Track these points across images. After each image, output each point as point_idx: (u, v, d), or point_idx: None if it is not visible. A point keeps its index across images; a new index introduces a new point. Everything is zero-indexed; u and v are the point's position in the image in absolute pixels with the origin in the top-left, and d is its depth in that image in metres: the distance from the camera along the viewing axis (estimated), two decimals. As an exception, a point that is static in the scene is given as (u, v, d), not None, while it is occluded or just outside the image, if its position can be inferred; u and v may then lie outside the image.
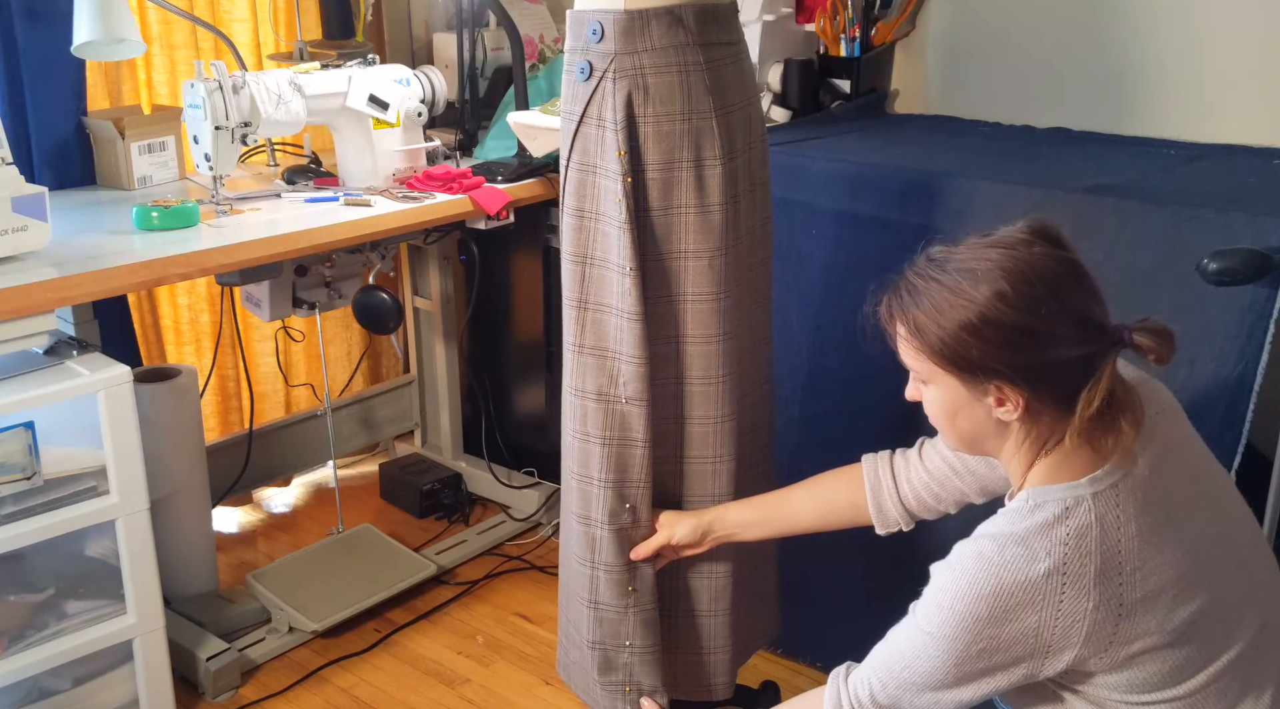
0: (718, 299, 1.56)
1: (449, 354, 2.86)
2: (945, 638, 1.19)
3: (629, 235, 1.51)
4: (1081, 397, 1.14)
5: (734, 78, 1.54)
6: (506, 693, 2.17)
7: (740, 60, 1.57)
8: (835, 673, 1.38)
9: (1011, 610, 1.15)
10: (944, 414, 1.24)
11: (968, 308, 1.14)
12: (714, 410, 1.62)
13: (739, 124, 1.55)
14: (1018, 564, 1.15)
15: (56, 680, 1.87)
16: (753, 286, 1.67)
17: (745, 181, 1.59)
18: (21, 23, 2.10)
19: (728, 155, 1.52)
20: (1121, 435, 1.16)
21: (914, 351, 1.22)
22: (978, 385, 1.18)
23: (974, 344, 1.15)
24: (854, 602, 2.11)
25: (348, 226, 2.03)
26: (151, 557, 1.86)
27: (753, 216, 1.63)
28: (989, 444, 1.25)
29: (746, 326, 1.66)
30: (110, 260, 1.78)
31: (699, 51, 1.49)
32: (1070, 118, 2.26)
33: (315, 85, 2.15)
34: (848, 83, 2.41)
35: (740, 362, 1.64)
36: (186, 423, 2.26)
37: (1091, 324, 1.15)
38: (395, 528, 2.68)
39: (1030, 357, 1.14)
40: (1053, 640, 1.15)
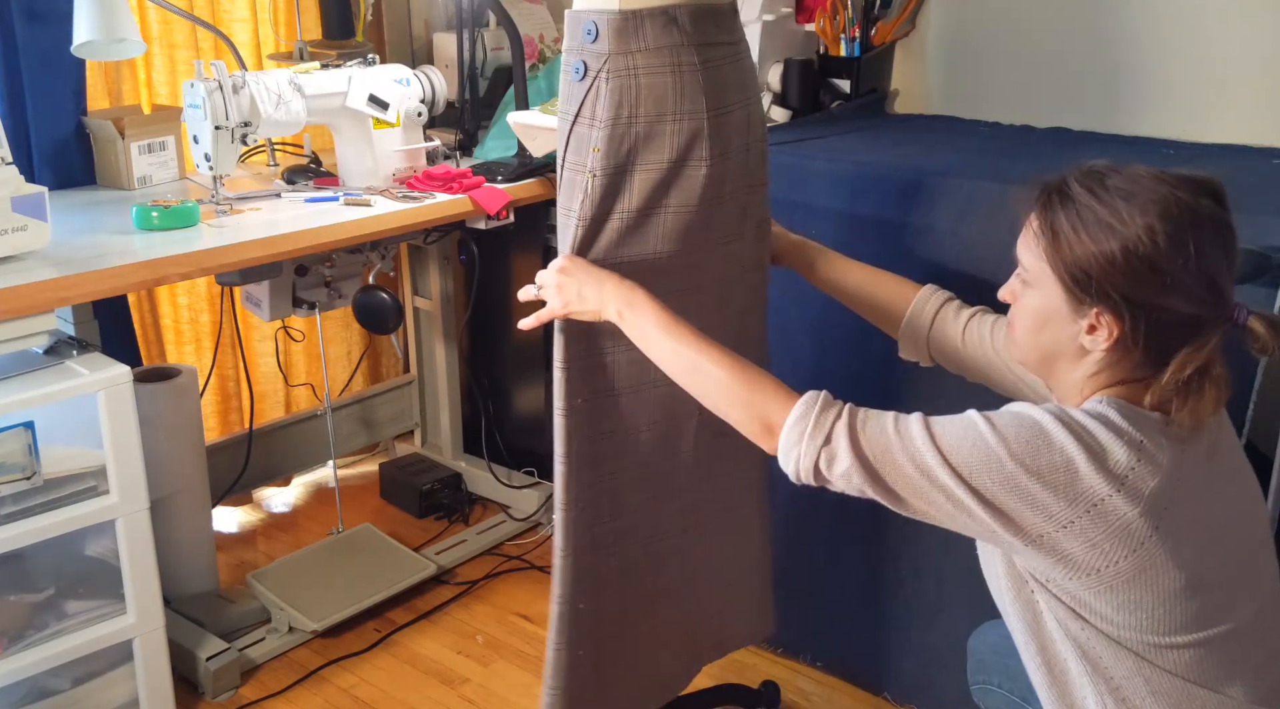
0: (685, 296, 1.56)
1: (449, 354, 2.86)
2: (986, 434, 1.15)
3: (580, 233, 1.51)
4: (1177, 358, 1.14)
5: (732, 78, 1.53)
6: (506, 693, 2.17)
7: (739, 60, 1.56)
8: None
9: (1073, 449, 1.12)
10: (1032, 323, 1.23)
11: (1114, 231, 1.14)
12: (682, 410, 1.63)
13: (737, 124, 1.55)
14: (1098, 430, 1.14)
15: (56, 680, 1.87)
16: (744, 289, 1.66)
17: (740, 181, 1.58)
18: (21, 23, 2.10)
19: (720, 155, 1.52)
20: (1202, 407, 1.15)
21: (1036, 251, 1.21)
22: (1080, 304, 1.17)
23: (1101, 265, 1.14)
24: (855, 601, 2.11)
25: (348, 226, 2.03)
26: (151, 556, 1.86)
27: (746, 218, 1.62)
28: (1059, 366, 1.23)
29: (734, 330, 1.63)
30: (110, 260, 1.78)
31: (694, 51, 1.48)
32: (1070, 118, 2.26)
33: (315, 85, 2.15)
34: (848, 83, 2.41)
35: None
36: (186, 423, 2.26)
37: (1217, 290, 1.15)
38: (395, 528, 2.68)
39: (1148, 295, 1.13)
40: (1086, 496, 1.12)
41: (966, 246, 1.83)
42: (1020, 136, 2.24)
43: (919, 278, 1.72)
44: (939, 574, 1.98)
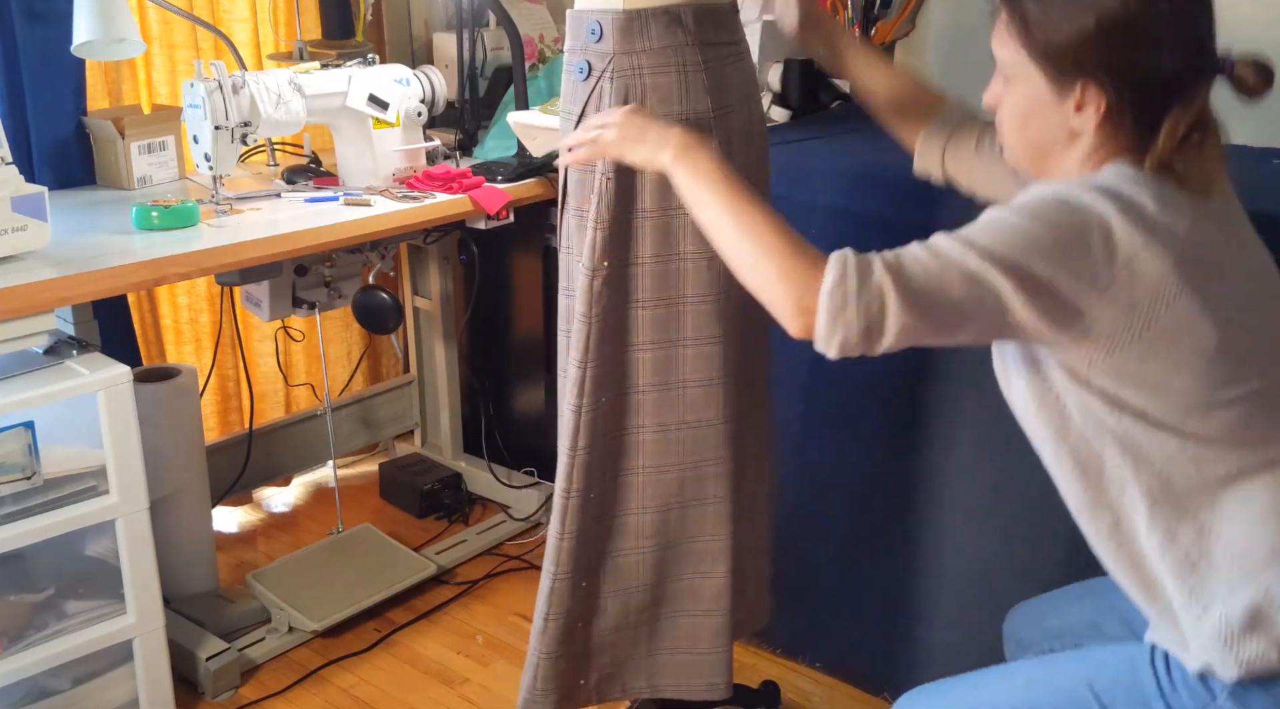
0: (716, 301, 1.56)
1: (449, 354, 2.86)
2: (1015, 220, 1.12)
3: (599, 235, 1.51)
4: (1168, 119, 1.13)
5: (734, 78, 1.53)
6: (506, 693, 2.17)
7: (740, 60, 1.56)
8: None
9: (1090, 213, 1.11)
10: (1020, 117, 1.21)
11: (1084, 4, 1.13)
12: (717, 415, 1.61)
13: (738, 125, 1.55)
14: (1119, 185, 1.13)
15: (56, 680, 1.87)
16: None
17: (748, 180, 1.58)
18: (21, 23, 2.10)
19: (725, 155, 1.51)
20: (1206, 163, 1.14)
21: (1009, 41, 1.20)
22: (1063, 84, 1.16)
23: (1078, 40, 1.13)
24: (855, 601, 2.11)
25: (348, 226, 2.03)
26: (151, 556, 1.86)
27: None
28: (1052, 157, 1.21)
29: (750, 329, 1.65)
30: (110, 260, 1.78)
31: (698, 51, 1.48)
32: (1070, 118, 2.25)
33: (315, 85, 2.15)
34: (848, 83, 2.41)
35: (738, 364, 1.64)
36: (186, 423, 2.26)
37: (1197, 42, 1.14)
38: (395, 528, 2.68)
39: (1129, 60, 1.13)
40: (1124, 250, 1.10)
41: (967, 246, 1.83)
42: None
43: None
44: (939, 574, 1.98)
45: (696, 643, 1.74)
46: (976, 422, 1.87)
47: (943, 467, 1.94)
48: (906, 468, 1.98)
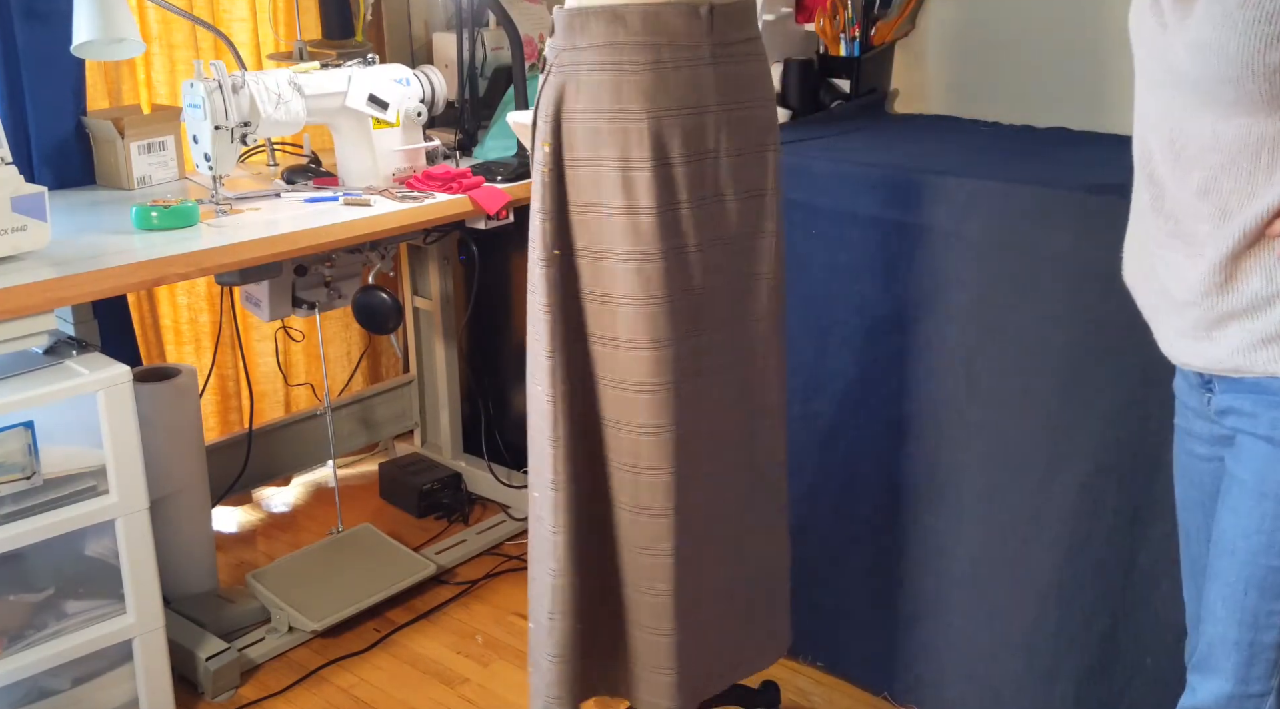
0: (648, 304, 1.52)
1: (449, 354, 2.86)
2: None
3: (543, 226, 1.54)
4: None
5: (688, 82, 1.51)
6: (506, 693, 2.17)
7: (701, 65, 1.52)
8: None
9: None
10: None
11: None
12: (647, 419, 1.56)
13: (691, 129, 1.52)
14: None
15: (56, 680, 1.87)
16: (729, 297, 1.62)
17: (705, 189, 1.55)
18: (21, 22, 2.10)
19: (661, 160, 1.49)
20: None
21: None
22: None
23: None
24: (855, 601, 2.11)
25: (347, 226, 2.03)
26: (151, 556, 1.86)
27: (723, 226, 1.58)
28: None
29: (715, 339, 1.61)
30: (110, 260, 1.78)
31: (641, 51, 1.47)
32: (1070, 118, 2.25)
33: (315, 85, 2.15)
34: (848, 82, 2.41)
35: (694, 374, 1.59)
36: (186, 423, 2.26)
37: None
38: (395, 528, 2.68)
39: None
40: None
41: (966, 246, 1.83)
42: (1020, 136, 2.24)
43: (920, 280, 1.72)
44: (939, 574, 1.98)
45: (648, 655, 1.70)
46: (974, 421, 1.87)
47: (941, 466, 1.94)
48: (905, 468, 1.98)
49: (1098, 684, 1.81)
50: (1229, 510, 1.24)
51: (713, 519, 1.68)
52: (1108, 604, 1.78)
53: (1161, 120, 1.21)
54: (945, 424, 1.92)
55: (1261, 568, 1.20)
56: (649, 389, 1.55)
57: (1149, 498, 1.71)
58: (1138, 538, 1.73)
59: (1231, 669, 1.25)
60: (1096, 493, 1.76)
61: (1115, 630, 1.78)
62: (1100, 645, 1.80)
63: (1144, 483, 1.71)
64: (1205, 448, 1.30)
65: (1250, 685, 1.24)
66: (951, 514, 1.94)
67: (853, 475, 2.04)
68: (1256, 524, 1.20)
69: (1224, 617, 1.25)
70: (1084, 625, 1.81)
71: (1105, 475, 1.74)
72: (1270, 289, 1.16)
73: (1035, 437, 1.81)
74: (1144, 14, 1.21)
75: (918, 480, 1.97)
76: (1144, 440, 1.69)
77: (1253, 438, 1.20)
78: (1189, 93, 1.16)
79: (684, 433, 1.59)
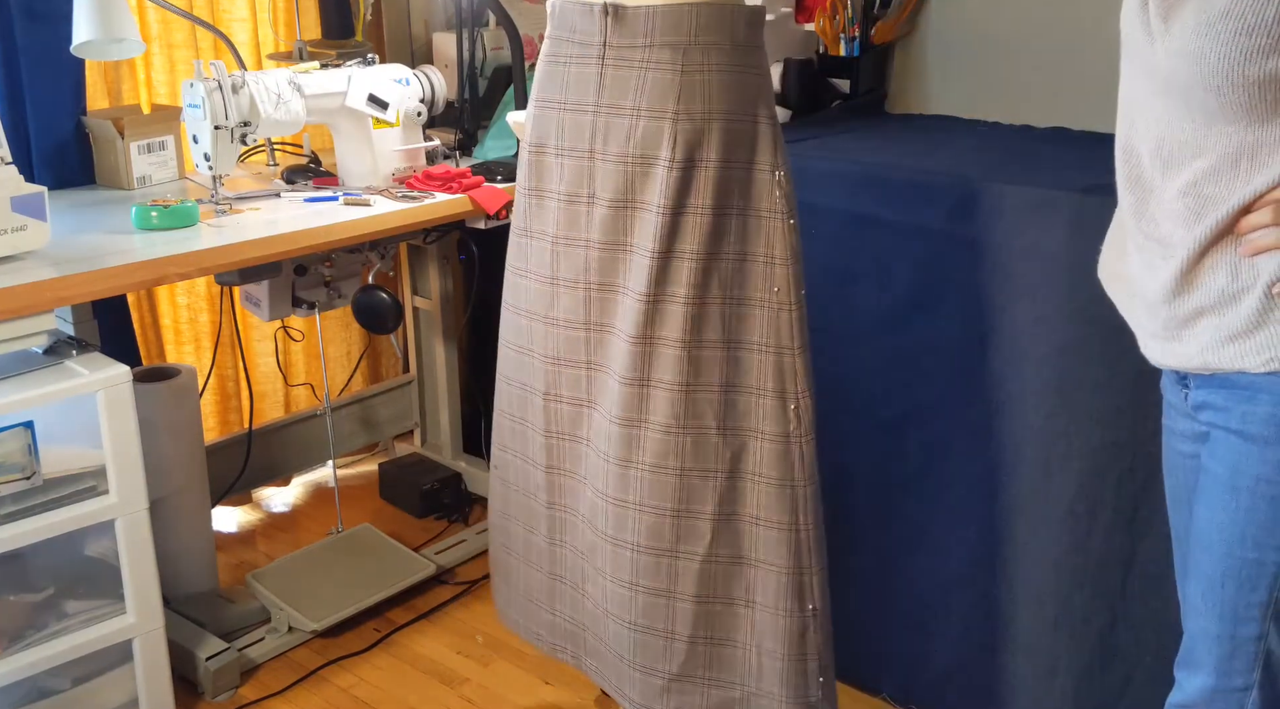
0: (522, 275, 1.70)
1: (448, 354, 2.86)
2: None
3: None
4: None
5: (576, 78, 1.56)
6: (506, 693, 2.17)
7: (590, 64, 1.53)
8: None
9: None
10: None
11: None
12: (535, 383, 1.74)
13: (570, 124, 1.58)
14: None
15: (56, 680, 1.87)
16: (609, 308, 1.60)
17: (578, 186, 1.58)
18: (21, 22, 2.10)
19: (538, 147, 1.63)
20: None
21: None
22: None
23: None
24: (854, 602, 2.11)
25: (347, 226, 2.03)
26: (151, 556, 1.86)
27: (592, 228, 1.58)
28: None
29: (570, 335, 1.64)
30: (109, 260, 1.78)
31: (550, 43, 1.60)
32: (1070, 118, 2.25)
33: (314, 85, 2.15)
34: (847, 82, 2.41)
35: (553, 358, 1.69)
36: (186, 423, 2.26)
37: None
38: (395, 527, 2.68)
39: None
40: None
41: (966, 247, 1.83)
42: (1020, 136, 2.24)
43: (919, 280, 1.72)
44: (938, 575, 1.98)
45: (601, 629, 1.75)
46: (971, 421, 1.87)
47: (939, 466, 1.94)
48: (902, 468, 1.98)
49: (1097, 682, 1.81)
50: (1204, 505, 1.24)
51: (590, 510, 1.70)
52: (1106, 603, 1.78)
53: (1150, 126, 1.21)
54: (942, 424, 1.92)
55: (1237, 561, 1.21)
56: (521, 350, 1.73)
57: (1147, 497, 1.71)
58: (1136, 537, 1.73)
59: (1213, 663, 1.25)
60: (1094, 492, 1.76)
61: (1114, 629, 1.78)
62: (1099, 644, 1.80)
63: (1142, 482, 1.71)
64: (1187, 445, 1.31)
65: (1233, 679, 1.24)
66: (949, 514, 1.94)
67: (850, 476, 2.04)
68: (1230, 517, 1.21)
69: (1204, 611, 1.25)
70: (1083, 624, 1.81)
71: (1103, 475, 1.74)
72: (1236, 285, 1.16)
73: (1033, 437, 1.81)
74: (1133, 19, 1.22)
75: (915, 480, 1.97)
76: (1141, 439, 1.69)
77: (1225, 432, 1.21)
78: (1175, 100, 1.17)
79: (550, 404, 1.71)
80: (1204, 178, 1.16)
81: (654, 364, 1.56)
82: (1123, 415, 1.70)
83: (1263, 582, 1.19)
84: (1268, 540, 1.18)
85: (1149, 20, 1.18)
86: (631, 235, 1.55)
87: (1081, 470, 1.76)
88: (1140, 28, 1.20)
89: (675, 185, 1.50)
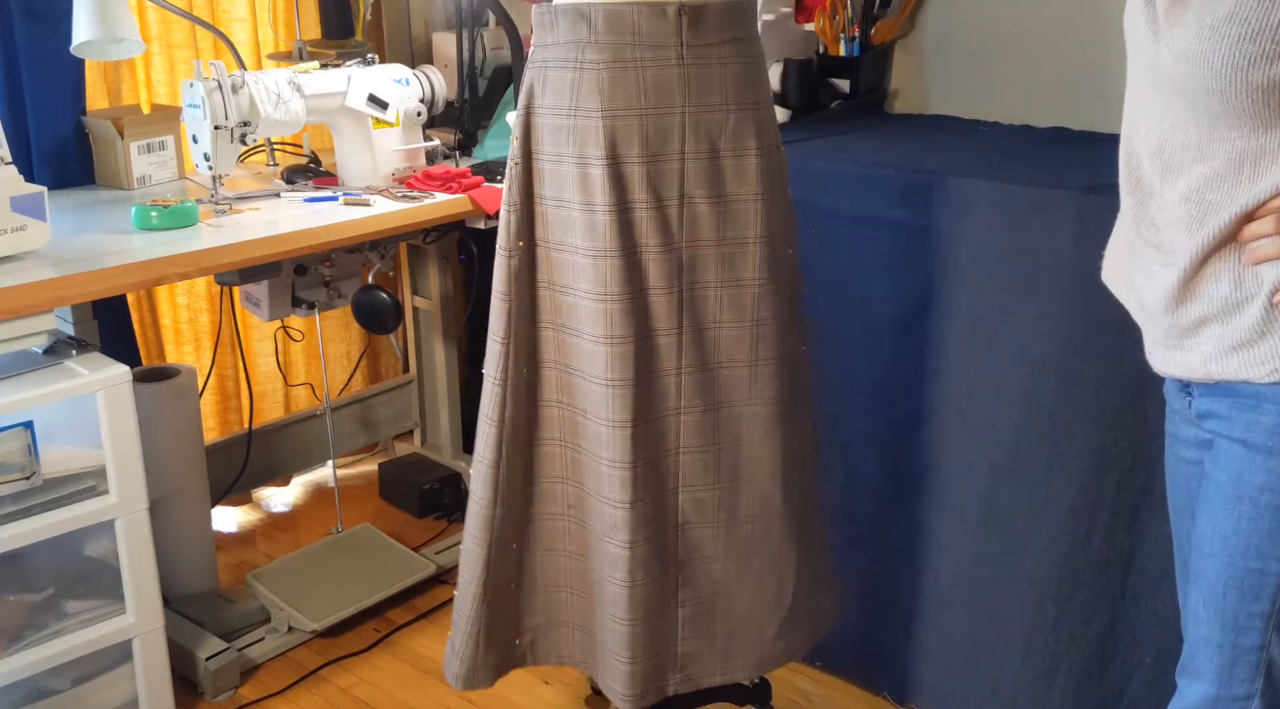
0: (604, 300, 1.55)
1: (448, 353, 2.86)
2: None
3: (508, 218, 1.59)
4: None
5: (653, 82, 1.52)
6: (506, 693, 2.17)
7: (668, 66, 1.52)
8: None
9: None
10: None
11: None
12: (607, 413, 1.59)
13: (652, 130, 1.53)
14: None
15: (56, 680, 1.87)
16: (710, 305, 1.60)
17: (669, 191, 1.55)
18: (21, 22, 2.10)
19: (613, 158, 1.51)
20: None
21: None
22: None
23: None
24: (854, 601, 2.10)
25: (347, 226, 2.03)
26: (151, 556, 1.86)
27: (693, 230, 1.57)
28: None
29: (673, 341, 1.60)
30: (109, 260, 1.78)
31: (602, 50, 1.50)
32: (1070, 118, 2.25)
33: (314, 85, 2.15)
34: (847, 82, 2.41)
35: (649, 375, 1.61)
36: (186, 422, 2.26)
37: None
38: (395, 527, 2.68)
39: None
40: None
41: (965, 246, 1.83)
42: (1020, 136, 2.24)
43: (920, 280, 1.71)
44: (938, 574, 1.98)
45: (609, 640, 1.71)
46: (973, 421, 1.87)
47: (940, 466, 1.94)
48: (904, 468, 1.98)
49: (1096, 682, 1.81)
50: (1207, 513, 1.24)
51: (681, 523, 1.67)
52: (1107, 603, 1.78)
53: (1152, 127, 1.21)
54: (944, 424, 1.92)
55: (1239, 570, 1.20)
56: (608, 384, 1.59)
57: (1148, 497, 1.71)
58: (1136, 537, 1.74)
59: (1214, 672, 1.25)
60: (1095, 492, 1.76)
61: (1114, 629, 1.78)
62: (1099, 644, 1.80)
63: (1143, 483, 1.71)
64: (1190, 451, 1.30)
65: (1234, 688, 1.24)
66: (950, 514, 1.94)
67: (851, 475, 2.04)
68: (1233, 526, 1.20)
69: (1206, 619, 1.25)
70: (1083, 624, 1.81)
71: (1104, 475, 1.74)
72: (1239, 294, 1.16)
73: (1034, 436, 1.81)
74: (1137, 19, 1.21)
75: (917, 480, 1.97)
76: (1142, 440, 1.69)
77: (1228, 441, 1.21)
78: (1178, 102, 1.16)
79: (654, 436, 1.62)
80: (1205, 184, 1.15)
81: (760, 344, 1.63)
82: (1124, 415, 1.70)
83: (1265, 592, 1.19)
84: (1271, 550, 1.18)
85: (1155, 19, 1.17)
86: (727, 229, 1.59)
87: (1083, 470, 1.76)
88: (1145, 24, 1.19)
89: (766, 171, 1.59)
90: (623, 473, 1.59)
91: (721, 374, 1.63)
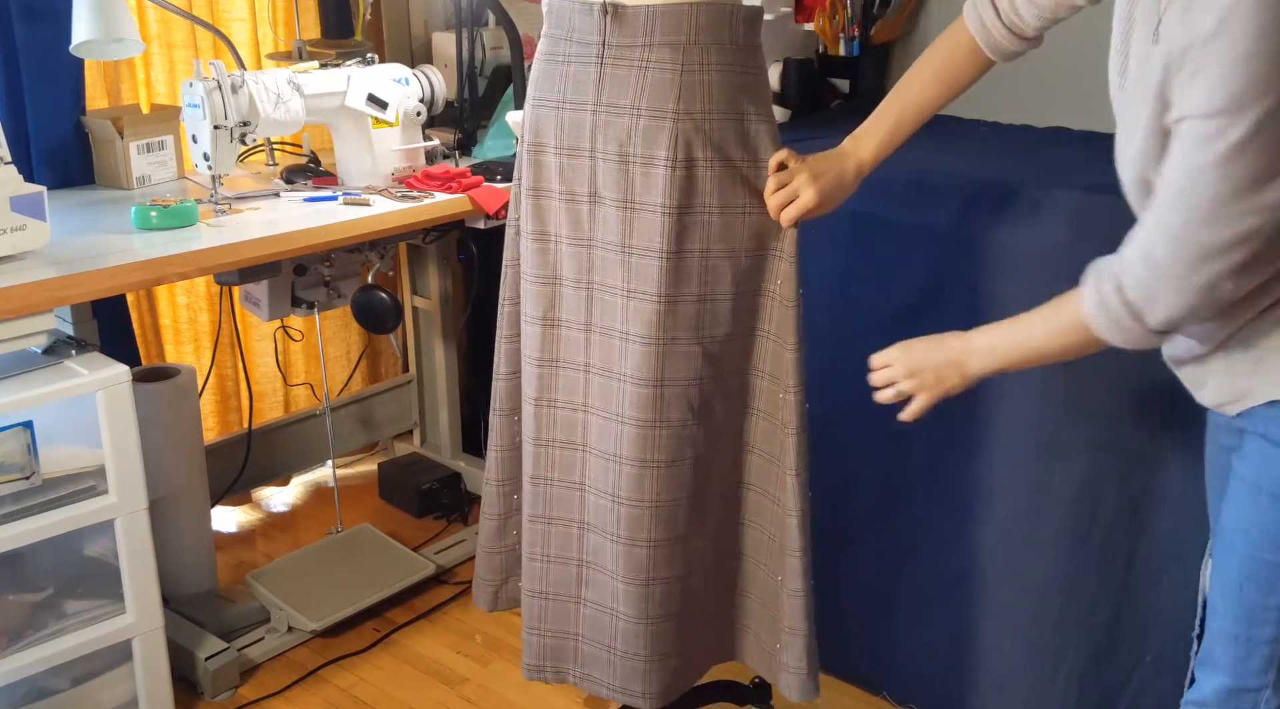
0: (528, 280, 1.65)
1: (448, 353, 2.86)
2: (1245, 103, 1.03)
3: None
4: None
5: (575, 77, 1.53)
6: (505, 692, 2.17)
7: (589, 63, 1.51)
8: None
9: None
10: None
11: None
12: (529, 389, 1.68)
13: (566, 123, 1.54)
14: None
15: (56, 680, 1.87)
16: (617, 312, 1.58)
17: (579, 185, 1.56)
18: (21, 22, 2.10)
19: (536, 146, 1.60)
20: None
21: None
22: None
23: None
24: (853, 601, 2.11)
25: (347, 226, 2.03)
26: (150, 556, 1.86)
27: (602, 229, 1.56)
28: None
29: (575, 336, 1.63)
30: (109, 260, 1.77)
31: (547, 42, 1.58)
32: (1070, 118, 2.26)
33: (314, 84, 2.15)
34: (847, 82, 2.41)
35: (552, 357, 1.66)
36: (185, 422, 2.26)
37: None
38: (394, 527, 2.68)
39: None
40: None
41: (966, 246, 1.83)
42: (1020, 136, 2.24)
43: (920, 280, 1.71)
44: (939, 571, 1.98)
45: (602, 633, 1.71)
46: (974, 417, 1.87)
47: (940, 463, 1.94)
48: (904, 464, 1.98)
49: (1100, 677, 1.82)
50: (1230, 504, 1.25)
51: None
52: (1109, 597, 1.78)
53: (1131, 161, 1.22)
54: (945, 421, 1.92)
55: (1257, 562, 1.21)
56: (528, 359, 1.67)
57: (1149, 492, 1.71)
58: (1138, 532, 1.74)
59: (1229, 663, 1.26)
60: (1096, 488, 1.76)
61: (1117, 623, 1.78)
62: (1102, 638, 1.80)
63: (1144, 477, 1.71)
64: (1227, 438, 1.32)
65: (1247, 680, 1.24)
66: (951, 511, 1.94)
67: (851, 473, 2.04)
68: (1253, 518, 1.21)
69: (1223, 611, 1.26)
70: (1086, 618, 1.81)
71: (1105, 471, 1.74)
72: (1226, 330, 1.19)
73: (1035, 432, 1.81)
74: (1113, 55, 1.23)
75: (917, 477, 1.97)
76: (1143, 435, 1.69)
77: (1253, 434, 1.22)
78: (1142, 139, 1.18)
79: (547, 412, 1.67)
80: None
81: (668, 364, 1.56)
82: (1124, 410, 1.70)
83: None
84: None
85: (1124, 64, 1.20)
86: (635, 236, 1.54)
87: (1084, 466, 1.76)
88: (1116, 72, 1.23)
89: (679, 185, 1.50)
90: (532, 449, 1.69)
91: (627, 388, 1.57)
